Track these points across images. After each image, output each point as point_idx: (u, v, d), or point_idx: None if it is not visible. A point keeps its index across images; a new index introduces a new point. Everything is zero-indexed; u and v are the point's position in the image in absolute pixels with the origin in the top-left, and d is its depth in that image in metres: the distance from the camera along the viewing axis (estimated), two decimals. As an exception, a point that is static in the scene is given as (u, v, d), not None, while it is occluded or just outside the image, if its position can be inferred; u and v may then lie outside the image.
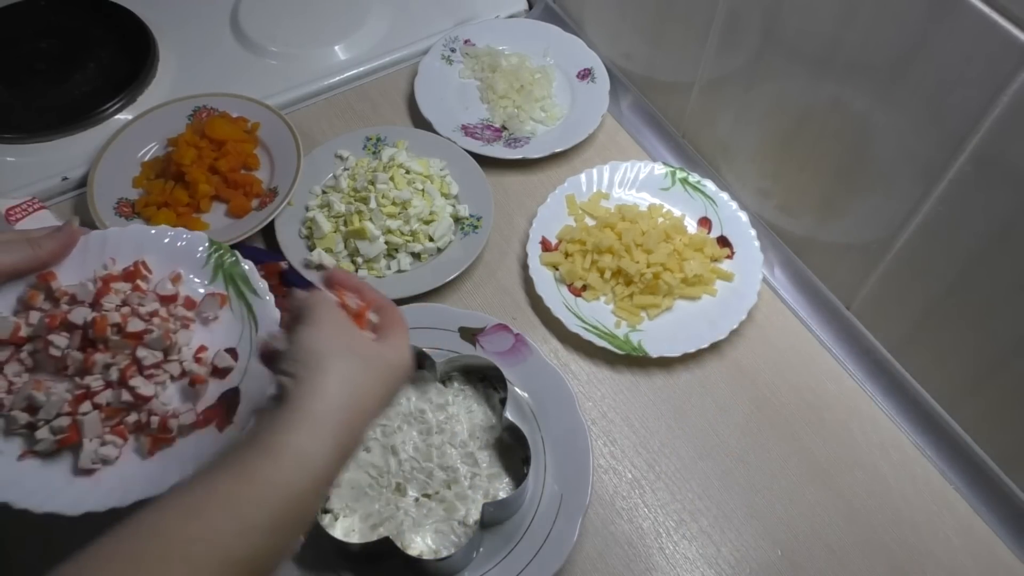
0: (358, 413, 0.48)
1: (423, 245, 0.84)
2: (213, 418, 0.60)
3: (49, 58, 1.00)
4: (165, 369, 0.61)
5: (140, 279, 0.63)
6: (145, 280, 0.63)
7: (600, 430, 0.76)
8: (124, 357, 0.60)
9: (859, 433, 0.76)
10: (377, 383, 0.50)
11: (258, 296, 0.64)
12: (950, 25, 0.59)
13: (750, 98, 0.83)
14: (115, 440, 0.58)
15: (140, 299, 0.62)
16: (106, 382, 0.59)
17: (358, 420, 0.48)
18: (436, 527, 0.66)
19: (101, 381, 0.59)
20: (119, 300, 0.61)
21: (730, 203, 0.88)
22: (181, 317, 0.63)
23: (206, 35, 1.05)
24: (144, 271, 0.64)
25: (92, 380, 0.59)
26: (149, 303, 0.62)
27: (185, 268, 0.65)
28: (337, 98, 1.01)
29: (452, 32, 1.05)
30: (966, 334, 0.70)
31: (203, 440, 0.59)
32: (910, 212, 0.70)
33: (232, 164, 0.87)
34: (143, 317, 0.61)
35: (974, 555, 0.70)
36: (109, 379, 0.59)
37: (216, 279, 0.65)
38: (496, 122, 0.98)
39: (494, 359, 0.72)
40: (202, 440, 0.59)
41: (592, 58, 1.03)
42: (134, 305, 0.61)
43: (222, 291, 0.65)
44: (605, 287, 0.83)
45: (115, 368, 0.59)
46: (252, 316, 0.64)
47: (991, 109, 0.59)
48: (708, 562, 0.69)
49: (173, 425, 0.59)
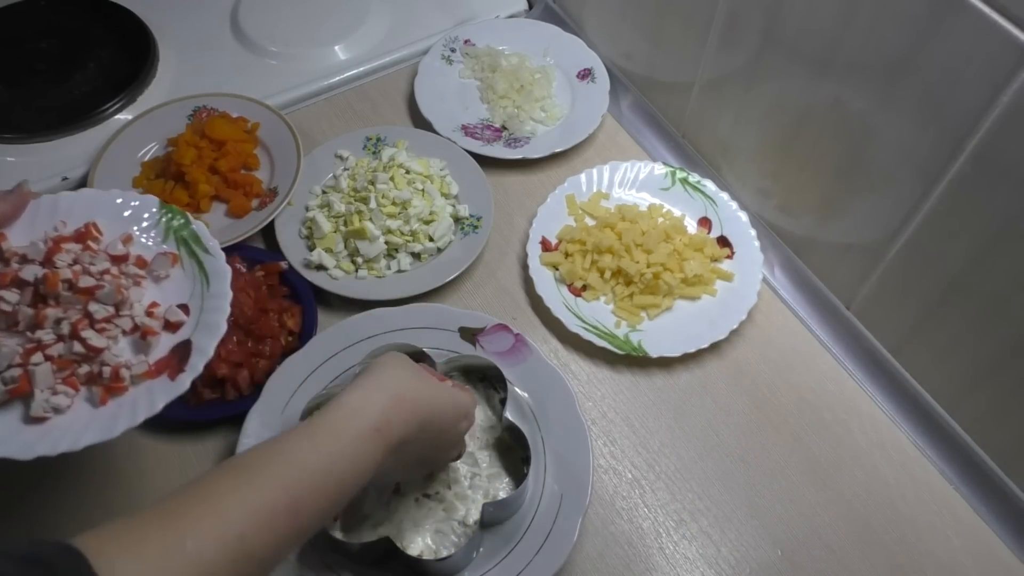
0: (409, 403, 0.54)
1: (423, 245, 0.84)
2: (165, 368, 0.60)
3: (49, 58, 1.00)
4: (117, 324, 0.61)
5: (91, 240, 0.64)
6: (96, 241, 0.64)
7: (600, 430, 0.76)
8: (76, 312, 0.60)
9: (859, 433, 0.76)
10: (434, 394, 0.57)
11: (209, 254, 0.65)
12: (950, 25, 0.59)
13: (750, 98, 0.83)
14: (67, 390, 0.59)
15: (91, 258, 0.62)
16: (58, 335, 0.60)
17: (407, 409, 0.54)
18: (436, 527, 0.66)
19: (53, 335, 0.60)
20: (70, 259, 0.62)
21: (730, 203, 0.88)
22: (132, 275, 0.64)
23: (206, 35, 1.05)
24: (95, 232, 0.65)
25: (44, 334, 0.59)
26: (100, 262, 0.63)
27: (137, 230, 0.66)
28: (337, 98, 1.01)
29: (452, 32, 1.05)
30: (966, 334, 0.70)
31: (155, 388, 0.59)
32: (910, 212, 0.70)
33: (232, 164, 0.87)
34: (94, 275, 0.61)
35: (974, 555, 0.70)
36: (61, 333, 0.60)
37: (168, 239, 0.66)
38: (496, 122, 0.98)
39: (494, 359, 0.72)
40: (154, 388, 0.59)
41: (592, 58, 1.03)
42: (85, 264, 0.62)
43: (173, 251, 0.66)
44: (605, 287, 0.83)
45: (66, 322, 0.60)
46: (204, 273, 0.65)
47: (991, 109, 0.59)
48: (708, 562, 0.69)
49: (125, 375, 0.59)
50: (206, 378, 0.72)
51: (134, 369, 0.60)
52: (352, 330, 0.76)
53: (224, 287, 0.63)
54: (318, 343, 0.75)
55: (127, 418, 0.57)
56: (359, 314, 0.78)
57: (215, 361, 0.72)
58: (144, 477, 0.71)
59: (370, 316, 0.77)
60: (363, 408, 0.52)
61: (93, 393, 0.59)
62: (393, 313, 0.78)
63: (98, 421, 0.58)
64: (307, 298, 0.80)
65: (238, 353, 0.73)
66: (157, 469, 0.72)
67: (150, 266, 0.65)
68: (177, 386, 0.59)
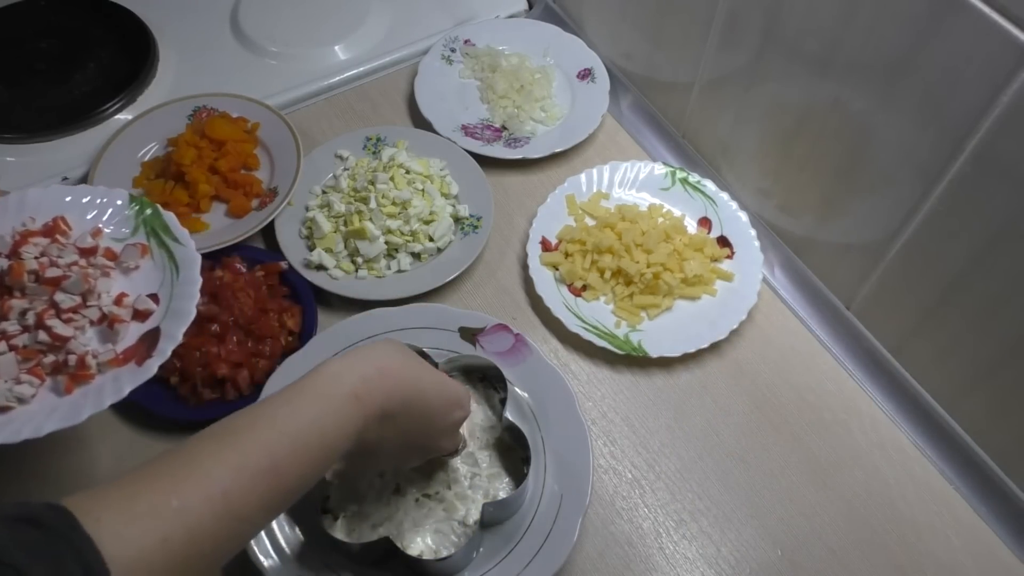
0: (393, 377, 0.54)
1: (423, 245, 0.84)
2: (133, 356, 0.60)
3: (49, 58, 1.00)
4: (84, 314, 0.61)
5: (59, 234, 0.64)
6: (65, 235, 0.65)
7: (600, 430, 0.76)
8: (41, 303, 0.60)
9: (859, 433, 0.76)
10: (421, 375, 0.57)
11: (179, 243, 0.65)
12: (950, 25, 0.59)
13: (750, 98, 0.83)
14: (31, 380, 0.58)
15: (59, 251, 0.63)
16: (23, 326, 0.60)
17: (390, 383, 0.54)
18: (436, 527, 0.66)
19: (18, 326, 0.60)
20: (37, 252, 0.62)
21: (730, 203, 0.88)
22: (101, 266, 0.64)
23: (206, 35, 1.05)
24: (64, 227, 0.65)
25: (8, 325, 0.59)
26: (68, 255, 0.63)
27: (106, 223, 0.67)
28: (337, 98, 1.01)
29: (452, 32, 1.05)
30: (966, 334, 0.70)
31: (122, 376, 0.59)
32: (910, 212, 0.70)
33: (232, 164, 0.87)
34: (61, 267, 0.62)
35: (974, 555, 0.70)
36: (26, 324, 0.60)
37: (138, 231, 0.67)
38: (496, 122, 0.98)
39: (494, 359, 0.72)
40: (121, 375, 0.59)
41: (592, 58, 1.03)
42: (52, 256, 0.62)
43: (143, 241, 0.66)
44: (605, 287, 0.83)
45: (31, 313, 0.60)
46: (173, 262, 0.65)
47: (991, 109, 0.59)
48: (708, 562, 0.69)
49: (91, 363, 0.59)
50: (206, 378, 0.72)
51: (101, 357, 0.59)
52: (352, 330, 0.76)
53: (194, 274, 0.63)
54: (318, 343, 0.75)
55: (93, 404, 0.57)
56: (359, 314, 0.78)
57: (215, 361, 0.72)
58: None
59: (370, 316, 0.77)
60: (342, 374, 0.52)
61: (59, 382, 0.59)
62: (393, 313, 0.78)
63: (63, 408, 0.57)
64: (307, 298, 0.80)
65: (238, 353, 0.73)
66: (157, 469, 0.72)
67: (119, 257, 0.65)
68: (144, 372, 0.58)
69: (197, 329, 0.74)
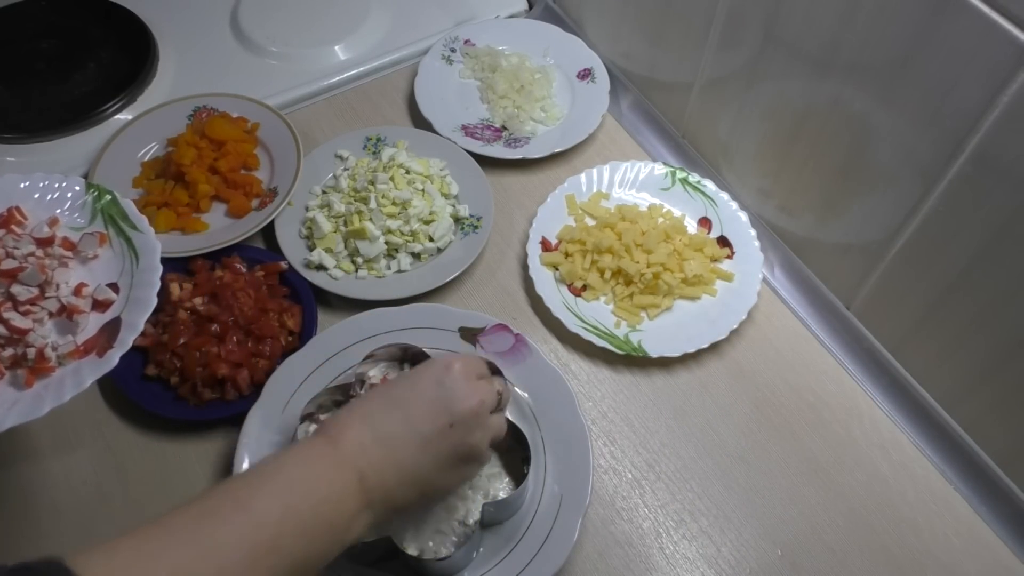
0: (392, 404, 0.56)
1: (423, 245, 0.84)
2: (94, 347, 0.60)
3: (49, 58, 1.00)
4: (42, 306, 0.61)
5: (15, 224, 0.64)
6: (20, 225, 0.64)
7: (600, 430, 0.76)
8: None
9: (859, 433, 0.76)
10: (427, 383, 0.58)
11: (138, 231, 0.65)
12: (950, 25, 0.59)
13: (750, 98, 0.83)
14: None
15: (15, 242, 0.62)
16: None
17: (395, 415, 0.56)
18: (436, 527, 0.66)
19: None
20: None
21: (730, 203, 0.88)
22: (59, 257, 0.64)
23: (206, 35, 1.05)
24: (19, 216, 0.64)
25: None
26: (25, 246, 0.62)
27: (63, 212, 0.66)
28: (337, 98, 1.01)
29: (452, 32, 1.05)
30: (966, 334, 0.70)
31: (83, 368, 0.59)
32: (910, 212, 0.70)
33: (232, 164, 0.87)
34: (17, 259, 0.61)
35: (974, 555, 0.70)
36: None
37: (95, 220, 0.66)
38: (496, 122, 0.98)
39: (494, 359, 0.72)
40: (82, 367, 0.59)
41: (592, 58, 1.03)
42: (8, 248, 0.62)
43: (101, 230, 0.66)
44: (605, 287, 0.83)
45: None
46: (133, 251, 0.64)
47: (991, 109, 0.59)
48: (708, 562, 0.69)
49: (51, 356, 0.59)
50: (206, 378, 0.72)
51: (60, 349, 0.59)
52: (352, 330, 0.76)
53: (154, 261, 0.63)
54: (318, 343, 0.75)
55: (54, 398, 0.57)
56: (359, 314, 0.78)
57: (215, 361, 0.72)
58: (144, 477, 0.71)
59: (370, 316, 0.77)
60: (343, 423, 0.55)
61: (18, 376, 0.59)
62: (393, 313, 0.78)
63: (23, 403, 0.57)
64: (307, 298, 0.80)
65: (238, 353, 0.73)
66: (157, 469, 0.72)
67: (77, 247, 0.65)
68: (105, 363, 0.58)
69: (197, 329, 0.74)
